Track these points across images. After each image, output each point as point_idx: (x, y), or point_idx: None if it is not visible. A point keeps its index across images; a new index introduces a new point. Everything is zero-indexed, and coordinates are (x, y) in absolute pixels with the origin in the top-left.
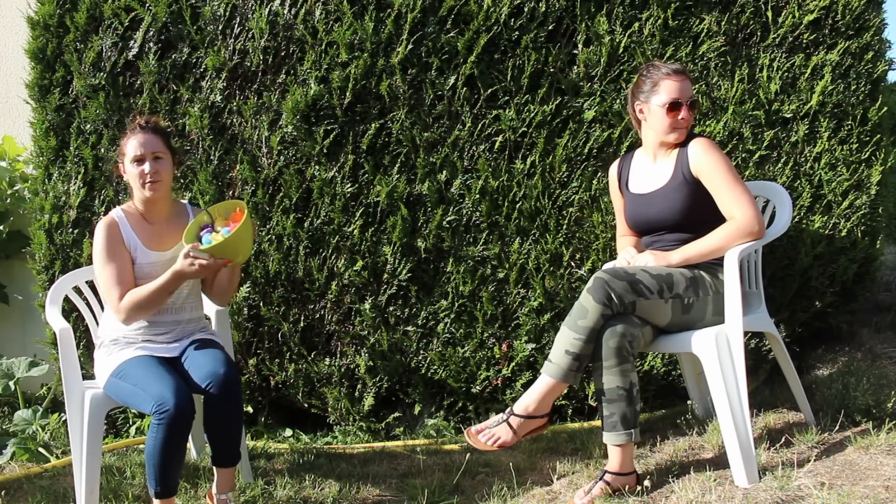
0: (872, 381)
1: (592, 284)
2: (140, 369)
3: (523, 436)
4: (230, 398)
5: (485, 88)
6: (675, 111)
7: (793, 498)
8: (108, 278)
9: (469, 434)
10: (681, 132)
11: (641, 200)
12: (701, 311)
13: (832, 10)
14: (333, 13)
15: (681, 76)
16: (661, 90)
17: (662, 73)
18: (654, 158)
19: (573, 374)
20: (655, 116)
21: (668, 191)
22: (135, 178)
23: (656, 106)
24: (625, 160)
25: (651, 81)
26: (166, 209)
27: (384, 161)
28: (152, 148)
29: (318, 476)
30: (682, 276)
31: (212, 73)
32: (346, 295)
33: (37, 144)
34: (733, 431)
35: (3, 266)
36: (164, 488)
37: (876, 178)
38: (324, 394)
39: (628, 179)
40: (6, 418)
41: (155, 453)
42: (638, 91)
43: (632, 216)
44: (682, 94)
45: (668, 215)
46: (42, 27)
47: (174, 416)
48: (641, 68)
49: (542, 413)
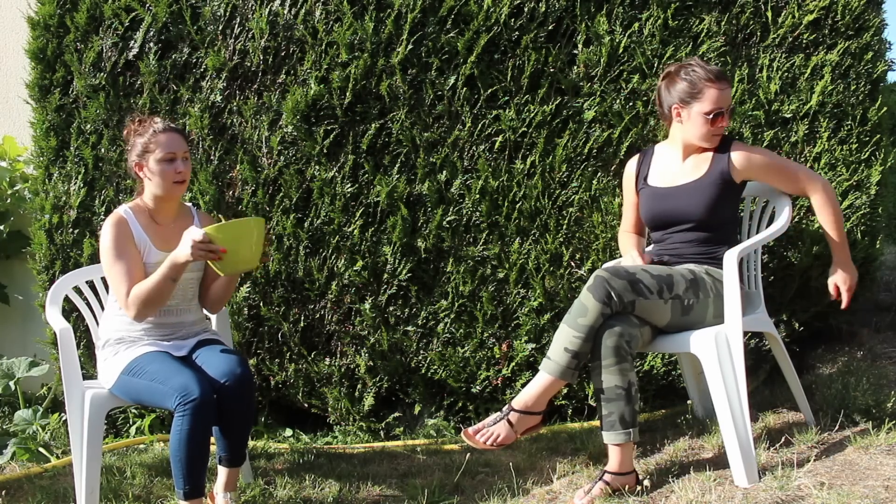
0: (872, 381)
1: (593, 283)
2: (156, 364)
3: (521, 433)
4: (246, 397)
5: (485, 88)
6: (718, 119)
7: (792, 498)
8: (117, 274)
9: (467, 435)
10: (718, 138)
11: (664, 193)
12: (701, 314)
13: (832, 11)
14: (333, 13)
15: (724, 83)
16: (704, 98)
17: (706, 80)
18: (684, 156)
19: (571, 372)
20: (695, 123)
21: (701, 186)
22: (162, 176)
23: (698, 113)
24: (645, 155)
25: (691, 84)
26: (175, 210)
27: (384, 161)
28: (183, 148)
29: (318, 476)
30: (682, 277)
31: (212, 74)
32: (346, 295)
33: (37, 144)
34: (733, 431)
35: (3, 266)
36: (193, 486)
37: (876, 178)
38: (324, 394)
39: (648, 174)
40: (6, 418)
41: (182, 447)
42: (673, 89)
43: (650, 210)
44: (725, 103)
45: (695, 210)
46: (42, 27)
47: (200, 404)
48: (679, 66)
49: (539, 410)
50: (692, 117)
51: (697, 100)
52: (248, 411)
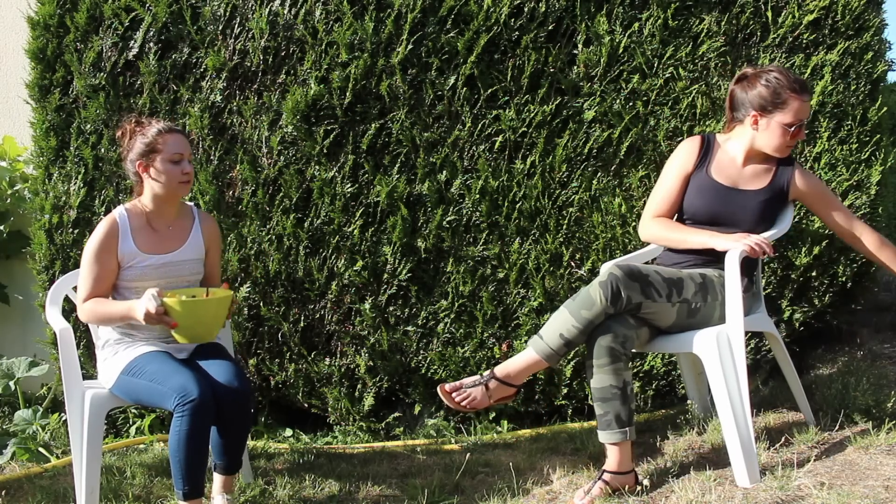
0: (872, 381)
1: (606, 279)
2: (155, 364)
3: (494, 401)
4: (242, 410)
5: (485, 88)
6: (798, 132)
7: (793, 498)
8: (86, 277)
9: (443, 391)
10: (790, 150)
11: (728, 193)
12: (707, 316)
13: (832, 11)
14: (333, 13)
15: (808, 95)
16: (789, 109)
17: (790, 90)
18: (745, 160)
19: (558, 358)
20: (774, 132)
21: (763, 197)
22: (169, 176)
23: (778, 124)
24: (709, 143)
25: (774, 93)
26: (175, 211)
27: (384, 161)
28: (189, 149)
29: (318, 476)
30: (692, 279)
31: (212, 74)
32: (346, 295)
33: (37, 144)
34: (734, 431)
35: (3, 266)
36: (193, 487)
37: (876, 178)
38: (324, 394)
39: (710, 165)
40: (6, 418)
41: (181, 448)
42: (751, 93)
43: (710, 205)
44: (806, 115)
45: (750, 219)
46: (42, 27)
47: (199, 404)
48: (759, 70)
49: (518, 383)
50: (771, 126)
51: (780, 109)
52: (244, 424)
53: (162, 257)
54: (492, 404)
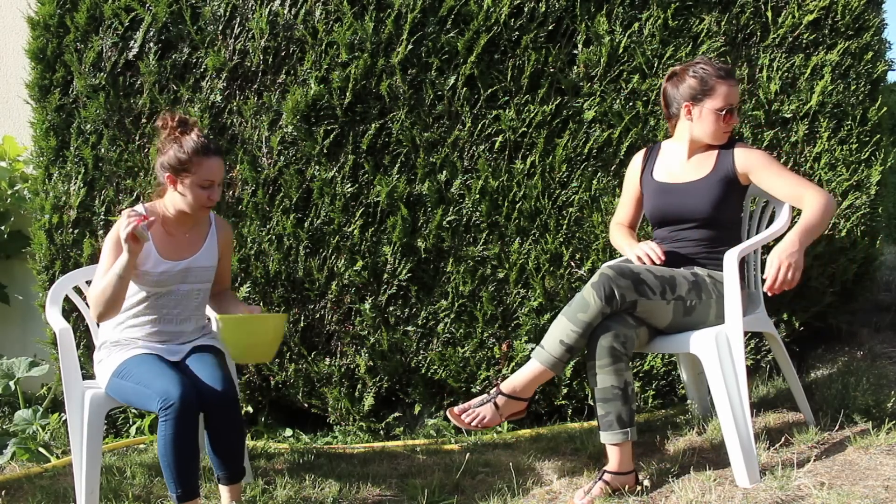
0: (872, 381)
1: (598, 280)
2: (142, 367)
3: (505, 418)
4: (230, 415)
5: (485, 88)
6: (730, 116)
7: (792, 498)
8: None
9: (452, 414)
10: (728, 135)
11: (670, 189)
12: (703, 315)
13: (832, 11)
14: (333, 13)
15: (734, 80)
16: (717, 95)
17: (717, 77)
18: (689, 154)
19: (562, 365)
20: (707, 120)
21: (709, 183)
22: (194, 199)
23: (710, 110)
24: (652, 150)
25: (702, 81)
26: (193, 220)
27: (384, 161)
28: (222, 174)
29: (318, 476)
30: (684, 278)
31: (212, 74)
32: (346, 295)
33: (37, 144)
34: (734, 431)
35: (3, 266)
36: (185, 489)
37: (876, 178)
38: (324, 394)
39: (653, 169)
40: (6, 418)
41: (168, 452)
42: (681, 87)
43: (657, 206)
44: (735, 100)
45: (701, 207)
46: (42, 27)
47: (180, 410)
48: (685, 66)
49: (526, 396)
50: (703, 114)
51: (709, 97)
52: (233, 428)
53: (177, 264)
54: (503, 420)
